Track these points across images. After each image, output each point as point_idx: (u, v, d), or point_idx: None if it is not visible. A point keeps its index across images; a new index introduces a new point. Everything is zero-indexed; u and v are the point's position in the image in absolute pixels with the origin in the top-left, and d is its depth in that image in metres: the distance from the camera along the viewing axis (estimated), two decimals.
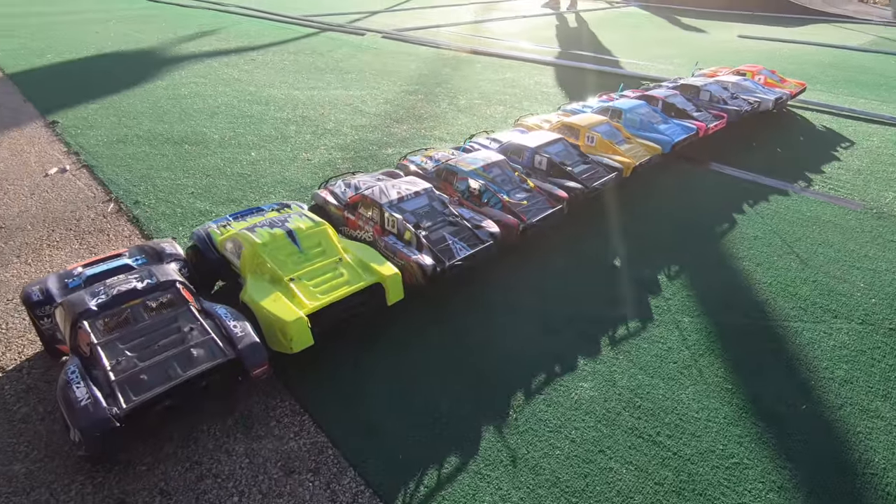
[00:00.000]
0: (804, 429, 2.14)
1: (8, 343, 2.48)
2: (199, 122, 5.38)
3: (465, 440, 2.06)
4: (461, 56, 8.89)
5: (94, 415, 1.75)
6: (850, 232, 3.61)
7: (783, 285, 3.03)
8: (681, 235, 3.54)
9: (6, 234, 3.38)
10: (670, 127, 4.62)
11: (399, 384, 2.31)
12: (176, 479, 1.90)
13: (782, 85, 6.00)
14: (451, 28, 11.66)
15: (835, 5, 15.14)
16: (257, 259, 2.47)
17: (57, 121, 5.31)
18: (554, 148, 3.80)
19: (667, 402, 2.25)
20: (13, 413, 2.13)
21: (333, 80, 7.12)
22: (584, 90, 6.79)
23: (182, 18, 11.97)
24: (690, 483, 1.92)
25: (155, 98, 6.14)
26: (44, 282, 2.34)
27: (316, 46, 9.38)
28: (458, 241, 2.83)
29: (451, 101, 6.31)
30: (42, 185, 4.03)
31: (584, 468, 1.97)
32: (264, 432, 2.08)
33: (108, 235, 3.40)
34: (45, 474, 1.90)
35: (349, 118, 5.65)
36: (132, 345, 2.02)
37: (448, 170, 3.47)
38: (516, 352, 2.50)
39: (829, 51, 9.76)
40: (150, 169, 4.29)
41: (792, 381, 2.37)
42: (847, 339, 2.63)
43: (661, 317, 2.76)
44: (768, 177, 4.45)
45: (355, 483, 1.90)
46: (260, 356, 2.06)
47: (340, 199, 3.22)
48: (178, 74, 7.21)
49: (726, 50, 9.63)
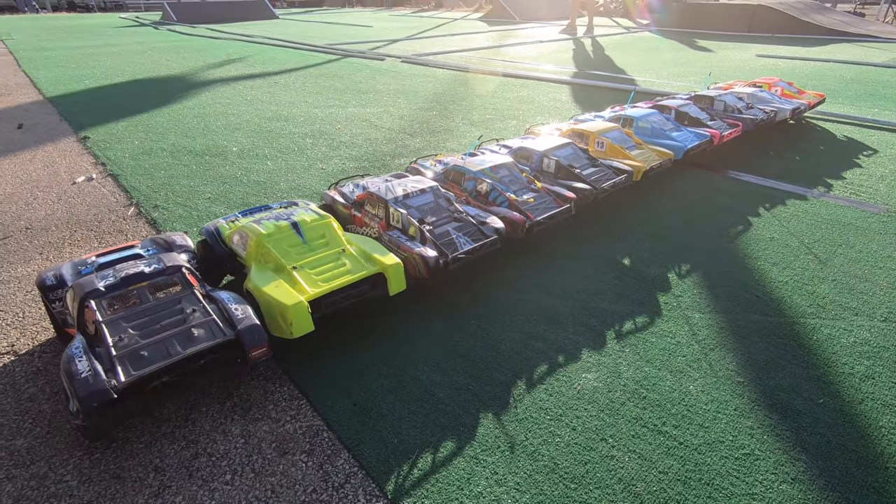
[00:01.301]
0: (822, 422, 2.03)
1: (23, 329, 2.56)
2: (221, 137, 5.58)
3: (462, 426, 2.02)
4: (478, 77, 9.08)
5: (93, 386, 1.77)
6: (872, 234, 3.48)
7: (800, 284, 2.92)
8: (693, 236, 3.47)
9: (32, 234, 3.52)
10: (683, 134, 4.59)
11: (398, 372, 2.29)
12: (171, 456, 1.90)
13: (800, 96, 5.92)
14: (470, 53, 11.94)
15: (856, 26, 15.01)
16: (262, 249, 2.52)
17: (88, 136, 5.59)
18: (562, 151, 3.81)
19: (674, 394, 2.17)
20: (21, 392, 2.18)
21: (352, 100, 7.34)
22: (597, 104, 6.82)
23: (212, 48, 12.59)
24: (697, 472, 1.83)
25: (181, 116, 6.42)
26: (58, 268, 2.42)
27: (337, 71, 9.72)
28: (463, 236, 2.84)
29: (464, 117, 6.42)
30: (69, 191, 4.22)
31: (585, 455, 1.89)
32: (261, 415, 2.08)
33: (126, 236, 3.51)
34: (45, 449, 1.93)
35: (364, 132, 5.79)
36: (135, 324, 2.06)
37: (456, 170, 3.50)
38: (519, 343, 2.46)
39: (850, 67, 9.63)
40: (170, 177, 4.45)
41: (808, 375, 2.27)
42: (868, 335, 2.51)
43: (670, 312, 2.68)
44: (786, 182, 4.36)
45: (348, 465, 1.87)
46: (259, 337, 2.07)
47: (348, 197, 3.28)
48: (204, 96, 7.54)
49: (744, 69, 9.60)
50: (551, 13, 21.31)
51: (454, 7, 30.04)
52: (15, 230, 3.57)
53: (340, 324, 2.57)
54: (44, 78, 8.86)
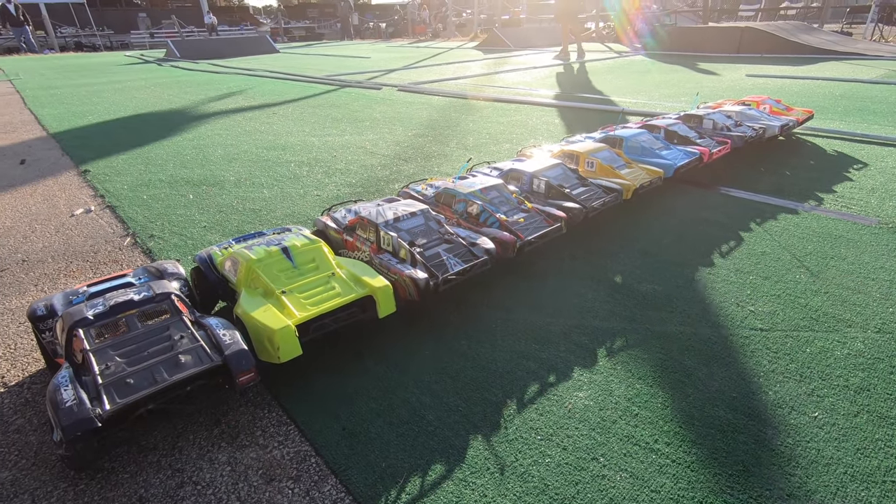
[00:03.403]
0: (817, 437, 2.00)
1: (14, 361, 2.56)
2: (218, 167, 5.67)
3: (451, 448, 1.99)
4: (472, 103, 9.25)
5: (77, 415, 1.77)
6: (864, 246, 3.48)
7: (793, 297, 2.91)
8: (684, 252, 3.47)
9: (28, 266, 3.55)
10: (672, 152, 4.64)
11: (387, 395, 2.27)
12: (156, 486, 1.88)
13: (788, 113, 6.00)
14: (466, 80, 12.19)
15: (844, 45, 15.30)
16: (252, 274, 2.54)
17: (88, 169, 5.68)
18: (552, 172, 3.86)
19: (666, 411, 2.14)
20: (9, 424, 2.17)
21: (348, 128, 7.47)
22: (588, 126, 6.92)
23: (212, 82, 12.89)
24: (690, 490, 1.79)
25: (179, 148, 6.54)
26: (49, 299, 2.44)
27: (334, 101, 9.92)
28: (453, 257, 2.85)
29: (459, 141, 6.52)
30: (67, 224, 4.27)
31: (576, 476, 1.86)
32: (248, 441, 2.06)
33: (121, 265, 3.54)
34: (29, 481, 1.91)
35: (359, 158, 5.88)
36: (122, 352, 2.06)
37: (447, 193, 3.54)
38: (510, 363, 2.45)
39: (839, 84, 9.79)
40: (167, 208, 4.51)
41: (802, 389, 2.24)
42: (863, 347, 2.49)
43: (662, 328, 2.67)
44: (777, 197, 4.38)
45: (336, 490, 1.84)
46: (246, 363, 2.06)
47: (340, 223, 3.31)
48: (203, 128, 7.69)
49: (734, 88, 9.76)
50: (545, 41, 21.85)
51: (450, 37, 30.83)
52: (11, 263, 3.61)
53: (329, 347, 2.57)
54: (48, 115, 9.07)
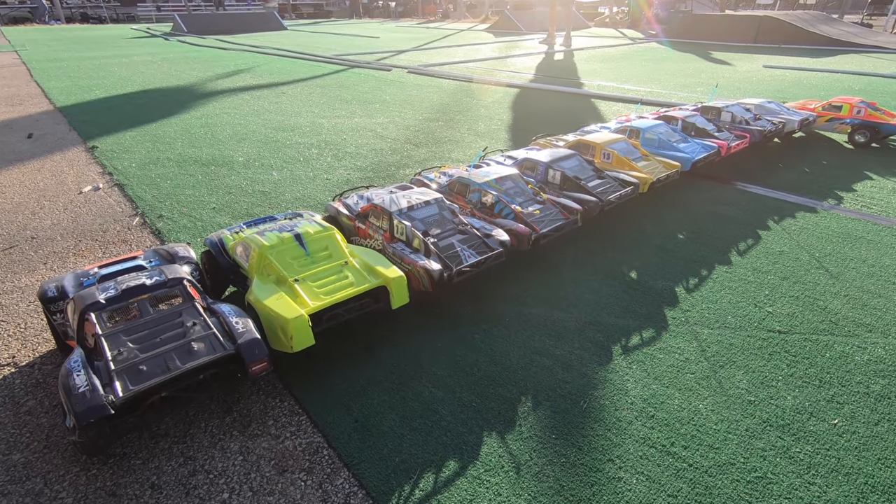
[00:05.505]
0: (836, 445, 1.97)
1: (24, 341, 2.55)
2: (227, 147, 5.60)
3: (465, 445, 1.97)
4: (483, 87, 9.10)
5: (90, 401, 1.75)
6: (884, 248, 3.41)
7: (811, 299, 2.86)
8: (701, 249, 3.41)
9: (37, 244, 3.53)
10: (690, 145, 4.55)
11: (400, 388, 2.25)
12: (168, 473, 1.87)
13: (885, 117, 5.41)
14: (476, 63, 11.99)
15: (864, 36, 14.96)
16: (264, 261, 2.50)
17: (96, 146, 5.63)
18: (568, 163, 3.78)
19: (682, 413, 2.11)
20: (20, 405, 2.16)
21: (358, 110, 7.37)
22: (603, 115, 6.80)
23: (220, 58, 12.73)
24: (708, 496, 1.77)
25: (188, 126, 6.46)
26: (60, 280, 2.41)
27: (343, 81, 9.78)
28: (467, 249, 2.80)
29: (470, 127, 6.42)
30: (75, 201, 4.23)
31: (591, 477, 1.84)
32: (261, 431, 2.04)
33: (130, 246, 3.51)
34: (42, 464, 1.90)
35: (369, 142, 5.79)
36: (135, 337, 2.03)
37: (461, 182, 3.48)
38: (524, 359, 2.42)
39: (859, 78, 9.57)
40: (176, 187, 4.46)
41: (822, 395, 2.20)
42: (883, 353, 2.44)
43: (678, 328, 2.63)
44: (795, 194, 4.30)
45: (348, 483, 1.82)
46: (259, 352, 2.04)
47: (352, 209, 3.26)
48: (211, 106, 7.60)
49: (751, 80, 9.57)
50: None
51: (460, 18, 30.29)
52: (20, 240, 3.58)
53: (342, 337, 2.54)
54: (55, 88, 8.97)
